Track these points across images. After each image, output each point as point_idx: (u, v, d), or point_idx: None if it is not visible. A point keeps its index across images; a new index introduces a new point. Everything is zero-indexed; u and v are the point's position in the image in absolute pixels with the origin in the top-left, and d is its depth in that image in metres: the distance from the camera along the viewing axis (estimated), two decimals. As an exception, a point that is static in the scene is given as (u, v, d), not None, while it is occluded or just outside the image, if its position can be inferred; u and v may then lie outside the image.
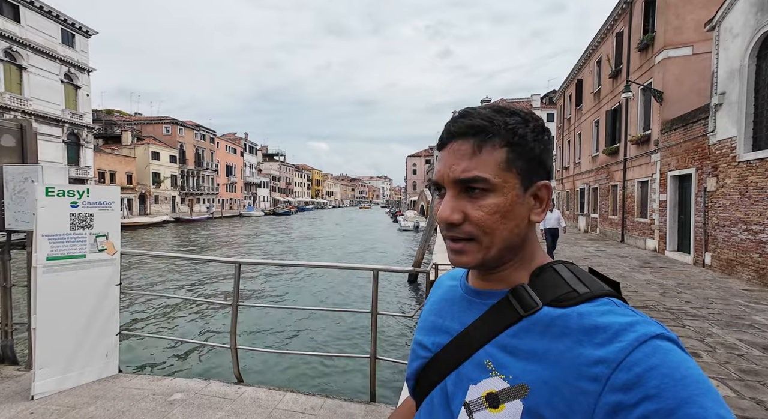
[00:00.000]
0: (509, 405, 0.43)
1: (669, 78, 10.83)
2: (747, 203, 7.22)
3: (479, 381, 0.46)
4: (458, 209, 0.48)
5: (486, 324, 0.50)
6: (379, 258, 16.84)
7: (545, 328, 0.44)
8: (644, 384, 0.35)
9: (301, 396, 2.69)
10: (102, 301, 2.80)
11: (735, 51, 7.70)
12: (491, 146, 0.48)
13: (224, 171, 56.62)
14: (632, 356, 0.37)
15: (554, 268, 0.50)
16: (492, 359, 0.46)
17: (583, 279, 0.48)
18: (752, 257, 7.07)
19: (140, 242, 21.84)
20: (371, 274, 2.73)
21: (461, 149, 0.49)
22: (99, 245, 2.79)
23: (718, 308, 5.32)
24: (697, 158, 9.04)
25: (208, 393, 2.66)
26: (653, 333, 0.38)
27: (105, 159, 34.05)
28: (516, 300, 0.48)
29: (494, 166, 0.48)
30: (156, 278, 11.33)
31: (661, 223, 10.78)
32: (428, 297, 0.69)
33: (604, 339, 0.39)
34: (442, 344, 0.54)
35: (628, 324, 0.40)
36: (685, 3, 10.54)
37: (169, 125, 45.40)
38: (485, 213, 0.47)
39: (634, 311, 0.43)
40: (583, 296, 0.45)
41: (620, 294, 0.47)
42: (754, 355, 3.65)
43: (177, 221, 36.69)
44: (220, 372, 4.73)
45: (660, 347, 0.38)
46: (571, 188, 22.06)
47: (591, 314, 0.42)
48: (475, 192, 0.48)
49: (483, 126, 0.48)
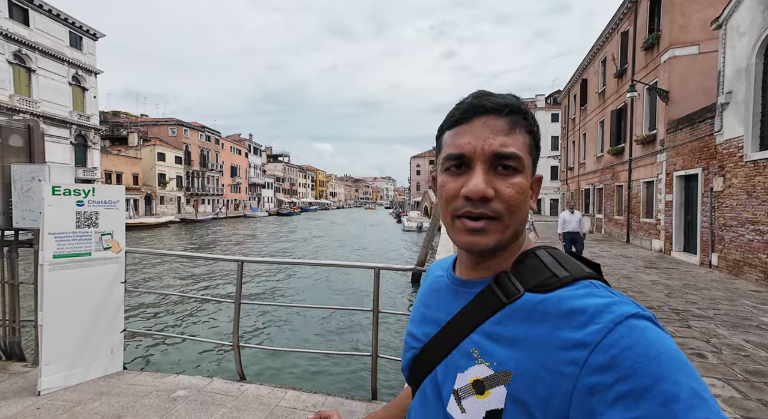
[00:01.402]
0: (494, 391, 0.43)
1: (675, 77, 10.73)
2: (755, 203, 7.13)
3: (466, 369, 0.47)
4: (491, 184, 0.47)
5: (471, 312, 0.50)
6: (383, 257, 16.86)
7: (527, 314, 0.45)
8: (620, 364, 0.36)
9: (302, 394, 2.71)
10: (107, 299, 2.84)
11: (742, 50, 7.62)
12: (521, 127, 0.49)
13: (229, 172, 56.95)
14: (608, 337, 0.38)
15: (536, 254, 0.51)
16: (477, 347, 0.47)
17: (563, 263, 0.48)
18: (760, 258, 6.97)
19: (146, 242, 22.05)
20: (373, 272, 2.76)
21: (497, 124, 0.48)
22: (104, 243, 2.82)
23: (724, 309, 5.26)
24: (704, 157, 8.94)
25: (211, 390, 2.69)
26: (629, 313, 0.39)
27: (112, 160, 34.42)
28: (498, 288, 0.49)
29: (523, 146, 0.49)
30: (160, 277, 11.45)
31: (667, 223, 10.67)
32: (419, 289, 0.70)
33: (581, 322, 0.40)
34: (431, 334, 0.55)
35: (605, 305, 0.40)
36: (691, 2, 10.45)
37: (174, 127, 45.79)
38: (515, 192, 0.47)
39: (612, 291, 0.44)
40: (563, 280, 0.45)
41: (601, 276, 0.48)
42: (760, 356, 3.60)
43: (182, 221, 36.98)
44: (223, 369, 4.76)
45: (636, 326, 0.38)
46: (576, 189, 21.91)
47: (569, 297, 0.43)
48: (507, 170, 0.48)
49: (516, 107, 0.49)
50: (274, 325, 6.96)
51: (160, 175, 40.99)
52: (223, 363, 5.01)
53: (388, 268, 3.03)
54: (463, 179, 0.49)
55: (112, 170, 34.06)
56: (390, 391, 3.57)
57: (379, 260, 16.35)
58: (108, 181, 32.31)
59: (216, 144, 53.43)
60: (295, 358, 5.22)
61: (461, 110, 0.50)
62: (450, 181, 0.50)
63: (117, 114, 48.52)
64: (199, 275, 11.77)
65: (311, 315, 7.40)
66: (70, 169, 3.37)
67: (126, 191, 18.92)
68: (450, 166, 0.50)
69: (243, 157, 62.67)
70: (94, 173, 28.98)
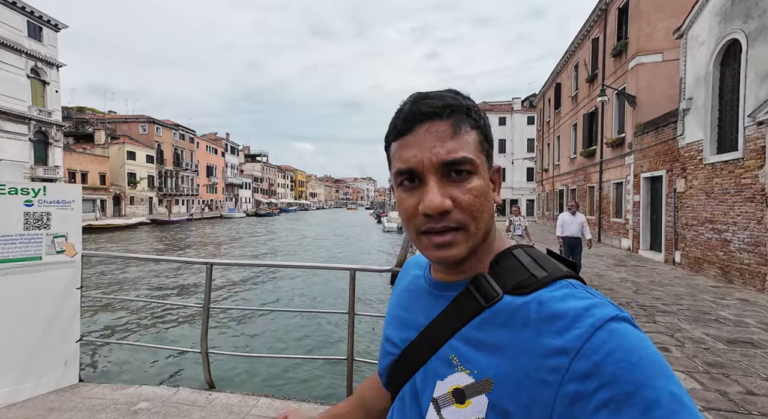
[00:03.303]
0: (475, 401, 0.42)
1: (641, 83, 11.26)
2: (713, 204, 7.57)
3: (446, 376, 0.46)
4: (447, 195, 0.45)
5: (449, 317, 0.48)
6: (363, 258, 16.78)
7: (507, 318, 0.43)
8: (601, 371, 0.35)
9: (275, 401, 2.63)
10: (61, 306, 2.64)
11: (701, 58, 8.07)
12: (466, 126, 0.47)
13: (204, 172, 55.27)
14: (590, 343, 0.37)
15: (513, 253, 0.49)
16: (456, 353, 0.46)
17: (541, 263, 0.47)
18: (717, 255, 7.40)
19: (112, 244, 20.98)
20: (348, 274, 2.70)
21: (440, 130, 0.45)
22: (57, 246, 2.62)
23: (686, 304, 5.54)
24: (668, 160, 9.42)
25: (177, 400, 2.55)
26: (608, 316, 0.38)
27: (76, 158, 32.58)
28: (477, 291, 0.47)
29: (473, 146, 0.46)
30: (123, 281, 10.84)
31: (634, 223, 11.17)
32: (394, 287, 0.67)
33: (561, 326, 0.39)
34: (409, 339, 0.53)
35: (584, 309, 0.39)
36: (656, 11, 11.00)
37: (145, 124, 43.90)
38: (474, 196, 0.45)
39: (591, 292, 0.43)
40: (542, 280, 0.44)
41: (578, 274, 0.47)
42: (719, 349, 3.80)
43: (154, 223, 35.43)
44: (191, 378, 4.53)
45: (615, 330, 0.38)
46: (551, 189, 22.63)
47: (550, 300, 0.42)
48: (461, 175, 0.45)
49: (457, 106, 0.47)
50: (246, 330, 6.71)
51: (129, 174, 39.19)
52: (191, 372, 4.77)
53: (364, 269, 2.98)
54: (419, 193, 0.46)
55: (77, 169, 32.24)
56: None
57: (359, 260, 16.26)
58: (72, 180, 30.53)
59: (191, 143, 51.70)
60: (268, 364, 5.04)
61: (402, 120, 0.48)
62: (406, 197, 0.47)
63: (82, 110, 45.99)
64: (166, 279, 11.26)
65: (285, 319, 7.21)
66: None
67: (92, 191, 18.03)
68: (402, 180, 0.48)
69: (219, 156, 61.00)
70: (56, 171, 27.32)
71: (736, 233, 6.89)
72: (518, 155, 37.62)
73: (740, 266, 6.78)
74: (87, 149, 36.33)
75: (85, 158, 33.77)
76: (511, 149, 38.25)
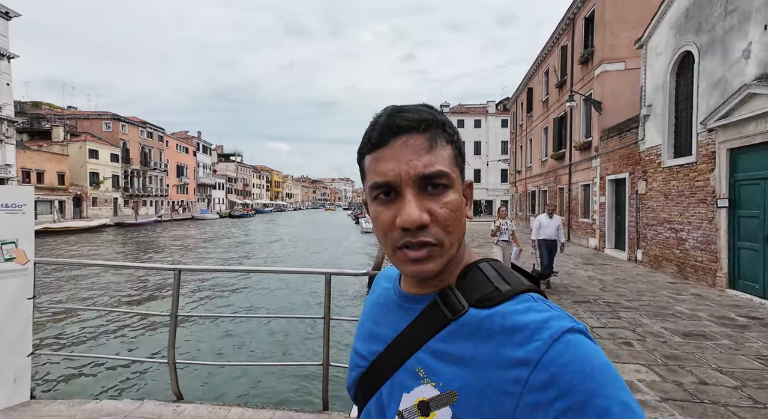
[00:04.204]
0: (439, 413, 0.42)
1: (606, 90, 11.85)
2: (670, 205, 8.07)
3: (412, 389, 0.46)
4: (424, 208, 0.45)
5: (416, 329, 0.49)
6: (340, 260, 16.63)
7: (472, 331, 0.44)
8: (558, 381, 0.37)
9: (248, 410, 2.55)
10: (9, 318, 2.45)
11: (659, 68, 8.60)
12: (442, 140, 0.47)
13: (175, 171, 53.02)
14: (548, 355, 0.38)
15: (479, 267, 0.50)
16: (423, 366, 0.46)
17: (505, 277, 0.48)
18: (674, 253, 7.90)
19: (71, 248, 19.70)
20: (324, 278, 2.66)
21: (416, 143, 0.46)
22: (5, 253, 2.43)
23: (647, 300, 5.87)
24: (630, 163, 9.96)
25: (141, 414, 2.42)
26: (564, 328, 0.40)
27: (30, 157, 30.37)
28: (443, 304, 0.48)
29: (448, 160, 0.47)
30: (82, 290, 10.15)
31: (600, 223, 11.72)
32: (366, 300, 0.67)
33: (522, 338, 0.40)
34: (377, 352, 0.53)
35: (543, 322, 0.41)
36: (619, 22, 11.61)
37: (109, 121, 41.54)
38: (450, 210, 0.46)
39: (550, 305, 0.45)
40: (506, 294, 0.45)
41: (539, 288, 0.48)
42: (675, 341, 4.05)
43: (118, 225, 33.59)
44: (157, 390, 4.32)
45: (571, 342, 0.39)
46: (523, 191, 23.36)
47: (512, 313, 0.43)
48: (437, 189, 0.46)
49: (433, 120, 0.47)
50: (217, 338, 6.46)
51: (92, 174, 36.97)
52: (157, 383, 4.54)
53: (340, 273, 2.94)
54: (395, 207, 0.46)
55: (32, 167, 30.06)
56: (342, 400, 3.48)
57: (335, 261, 16.12)
58: (26, 180, 28.47)
59: (160, 141, 49.47)
60: (240, 373, 4.89)
61: (377, 133, 0.47)
62: (382, 211, 0.47)
63: (38, 105, 43.02)
64: (131, 286, 10.66)
65: (258, 326, 7.00)
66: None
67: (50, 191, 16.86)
68: (378, 194, 0.48)
69: (191, 156, 58.73)
70: (7, 171, 25.39)
71: (691, 233, 7.38)
72: (493, 156, 38.66)
73: (694, 263, 7.26)
74: (43, 147, 33.95)
75: (41, 156, 31.55)
76: (486, 151, 39.26)
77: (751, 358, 3.59)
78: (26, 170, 29.41)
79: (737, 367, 3.40)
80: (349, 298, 9.30)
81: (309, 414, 2.56)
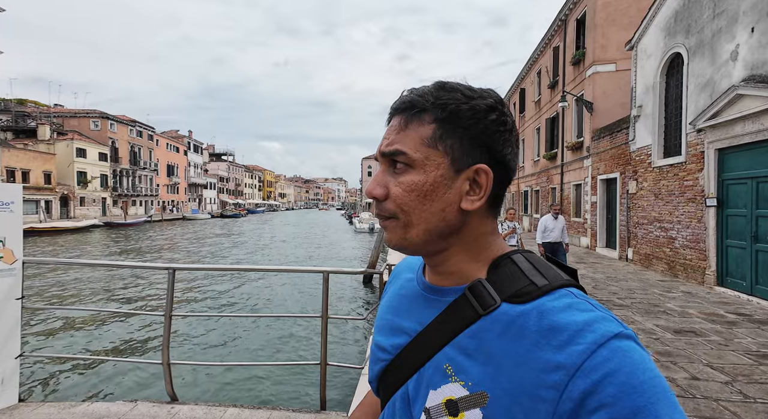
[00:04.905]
0: (468, 414, 0.41)
1: (598, 91, 12.00)
2: (660, 204, 8.20)
3: (439, 386, 0.44)
4: (383, 184, 0.48)
5: (444, 323, 0.47)
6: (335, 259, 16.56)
7: (505, 328, 0.42)
8: (601, 391, 0.34)
9: (244, 411, 2.53)
10: (-4, 321, 2.37)
11: (649, 69, 8.73)
12: (418, 121, 0.47)
13: (165, 171, 52.28)
14: (590, 361, 0.36)
15: (512, 259, 0.47)
16: (451, 363, 0.44)
17: (541, 270, 0.45)
18: (664, 251, 8.03)
19: (58, 249, 19.30)
20: (321, 277, 2.65)
21: (394, 125, 0.49)
22: (-8, 254, 2.36)
23: (639, 297, 5.95)
24: (621, 163, 10.10)
25: (135, 416, 2.38)
26: (611, 333, 0.37)
27: (15, 155, 29.65)
28: (474, 297, 0.45)
29: (417, 141, 0.46)
30: (73, 290, 9.94)
31: (592, 222, 11.87)
32: (384, 290, 0.65)
33: (561, 341, 0.38)
34: (400, 345, 0.51)
35: (586, 323, 0.38)
36: (610, 24, 11.77)
37: (98, 120, 40.75)
38: (402, 190, 0.47)
39: (593, 304, 0.41)
40: (542, 288, 0.42)
41: (578, 282, 0.46)
42: (667, 338, 4.11)
43: (107, 225, 32.98)
44: (151, 391, 4.25)
45: (618, 349, 0.36)
46: (516, 191, 23.55)
47: (550, 311, 0.40)
48: (397, 168, 0.47)
49: (414, 101, 0.48)
50: (212, 338, 6.38)
51: (79, 173, 36.25)
52: (151, 384, 4.46)
53: (337, 272, 2.93)
54: None
55: (17, 166, 29.37)
56: (340, 400, 3.46)
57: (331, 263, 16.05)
58: (11, 180, 27.77)
59: (150, 140, 48.72)
60: (236, 373, 4.83)
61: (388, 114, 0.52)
62: None
63: (23, 102, 42.02)
64: (123, 286, 10.48)
65: (254, 325, 6.94)
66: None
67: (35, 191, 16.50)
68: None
69: (181, 155, 57.97)
70: (-9, 170, 24.76)
71: (680, 231, 7.51)
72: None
73: (683, 261, 7.39)
74: (29, 146, 33.18)
75: (27, 154, 30.83)
76: (479, 151, 39.42)
77: (741, 354, 3.67)
78: (11, 169, 28.72)
79: (727, 363, 3.46)
80: (347, 298, 9.27)
81: (306, 414, 2.54)
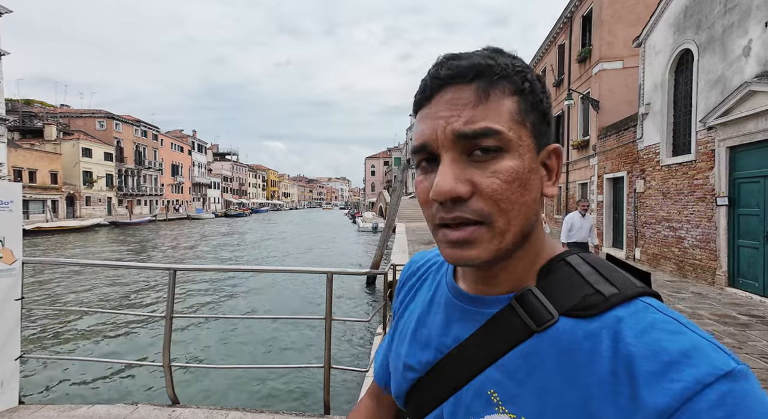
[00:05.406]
0: None
1: (604, 89, 11.85)
2: (669, 203, 8.06)
3: (482, 416, 0.38)
4: (464, 178, 0.35)
5: (487, 341, 0.39)
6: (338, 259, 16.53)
7: (567, 351, 0.34)
8: None
9: (247, 414, 2.48)
10: (-5, 322, 2.34)
11: (658, 66, 8.58)
12: (500, 91, 0.36)
13: (170, 171, 52.65)
14: (693, 404, 0.27)
15: (568, 261, 0.39)
16: (497, 389, 0.37)
17: (606, 275, 0.37)
18: (673, 251, 7.89)
19: (64, 248, 19.44)
20: (325, 278, 2.60)
21: (461, 97, 0.36)
22: (-10, 254, 2.32)
23: (647, 298, 5.83)
24: (628, 162, 9.95)
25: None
26: (721, 371, 0.28)
27: (22, 155, 29.94)
28: (524, 310, 0.37)
29: (507, 116, 0.36)
30: (74, 290, 9.95)
31: (598, 221, 11.73)
32: (397, 290, 0.56)
33: (650, 373, 0.29)
34: (430, 362, 0.44)
35: (683, 353, 0.29)
36: (617, 21, 11.60)
37: (103, 120, 41.09)
38: (502, 181, 0.35)
39: (683, 322, 0.32)
40: (611, 300, 0.34)
41: (654, 290, 0.37)
42: (679, 341, 4.01)
43: (112, 224, 33.24)
44: (152, 393, 4.22)
45: (730, 394, 0.27)
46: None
47: (627, 332, 0.32)
48: (487, 154, 0.35)
49: (488, 65, 0.36)
50: (214, 340, 6.33)
51: (85, 173, 36.57)
52: (152, 387, 4.43)
53: (342, 273, 2.88)
54: (433, 176, 0.37)
55: (24, 166, 29.66)
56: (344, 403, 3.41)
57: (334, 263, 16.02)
58: (18, 179, 28.04)
59: (154, 140, 49.04)
60: (239, 376, 4.78)
61: (421, 88, 0.39)
62: (422, 180, 0.39)
63: (30, 103, 42.45)
64: (124, 286, 10.47)
65: (257, 327, 6.88)
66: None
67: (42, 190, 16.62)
68: (420, 161, 0.39)
69: (186, 154, 58.33)
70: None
71: (690, 231, 7.37)
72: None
73: (693, 261, 7.26)
74: (35, 145, 33.51)
75: (34, 154, 31.13)
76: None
77: (756, 357, 3.56)
78: (18, 169, 28.99)
79: (742, 367, 3.36)
80: (350, 298, 9.22)
81: (310, 418, 2.50)
